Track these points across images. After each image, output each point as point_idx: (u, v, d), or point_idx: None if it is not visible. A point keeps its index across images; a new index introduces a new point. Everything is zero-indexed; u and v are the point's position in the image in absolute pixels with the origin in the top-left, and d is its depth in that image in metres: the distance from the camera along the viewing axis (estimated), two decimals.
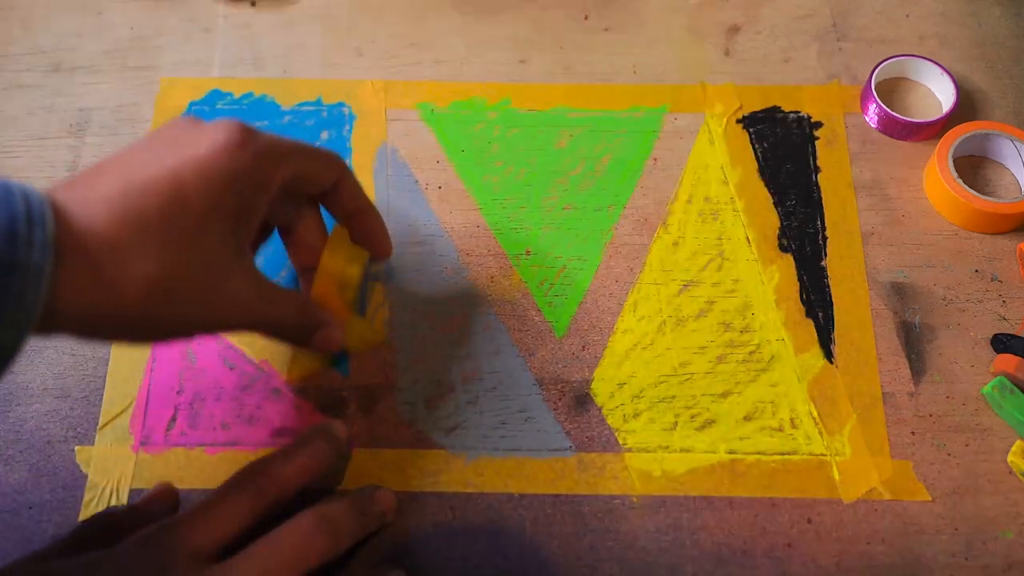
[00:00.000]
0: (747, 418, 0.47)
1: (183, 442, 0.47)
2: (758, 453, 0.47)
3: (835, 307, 0.50)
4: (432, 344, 0.49)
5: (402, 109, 0.56)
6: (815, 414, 0.47)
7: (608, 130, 0.56)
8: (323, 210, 0.46)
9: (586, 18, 0.60)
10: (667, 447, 0.47)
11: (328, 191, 0.44)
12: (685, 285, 0.51)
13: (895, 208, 0.53)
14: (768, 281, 0.51)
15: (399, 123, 0.56)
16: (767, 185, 0.54)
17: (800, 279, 0.51)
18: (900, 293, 0.50)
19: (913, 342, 0.49)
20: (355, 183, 0.45)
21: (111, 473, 0.46)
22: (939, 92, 0.57)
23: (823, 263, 0.51)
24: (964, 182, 0.51)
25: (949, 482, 0.46)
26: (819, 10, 0.60)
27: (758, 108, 0.56)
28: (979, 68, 0.58)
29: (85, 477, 0.46)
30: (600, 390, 0.48)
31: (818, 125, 0.56)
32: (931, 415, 0.47)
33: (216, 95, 0.57)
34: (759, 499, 0.46)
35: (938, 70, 0.56)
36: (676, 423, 0.47)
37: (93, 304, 0.33)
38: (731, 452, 0.47)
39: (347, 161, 0.54)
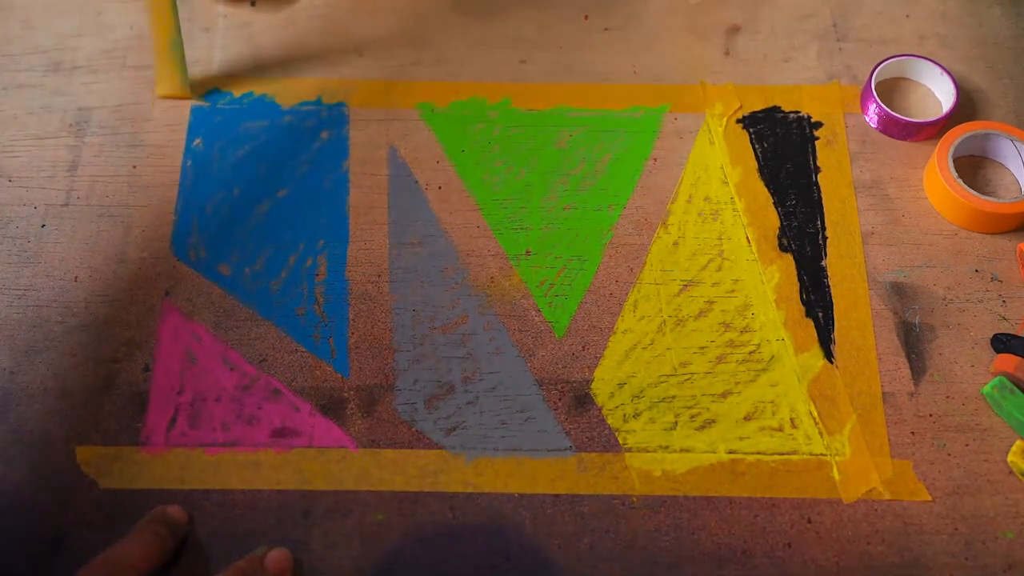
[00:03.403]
0: (747, 418, 0.47)
1: (183, 442, 0.47)
2: (758, 453, 0.47)
3: (835, 307, 0.50)
4: (432, 344, 0.49)
5: (402, 109, 0.56)
6: (815, 414, 0.47)
7: (608, 130, 0.56)
8: None
9: (586, 18, 0.60)
10: (667, 447, 0.47)
11: None
12: (685, 285, 0.51)
13: (895, 208, 0.53)
14: (768, 281, 0.51)
15: (399, 123, 0.56)
16: (767, 185, 0.54)
17: (800, 279, 0.51)
18: (900, 293, 0.50)
19: (913, 342, 0.49)
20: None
21: (112, 473, 0.46)
22: (939, 92, 0.57)
23: (823, 263, 0.51)
24: (964, 182, 0.51)
25: (949, 482, 0.46)
26: (819, 10, 0.60)
27: (758, 108, 0.56)
28: (979, 68, 0.58)
29: (85, 477, 0.46)
30: (600, 390, 0.48)
31: (818, 125, 0.56)
32: (931, 415, 0.47)
33: (216, 95, 0.57)
34: (759, 499, 0.46)
35: (938, 70, 0.56)
36: (676, 423, 0.47)
37: None
38: (731, 452, 0.47)
39: (346, 164, 0.54)
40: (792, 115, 0.56)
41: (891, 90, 0.57)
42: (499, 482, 0.46)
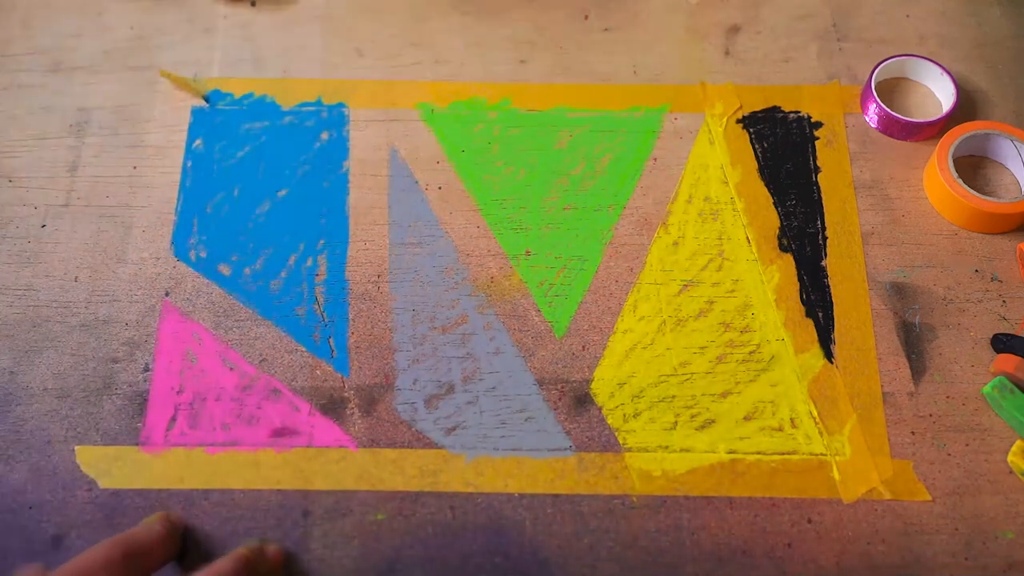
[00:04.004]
0: (747, 418, 0.47)
1: (183, 442, 0.47)
2: (758, 453, 0.47)
3: (835, 307, 0.50)
4: (432, 344, 0.49)
5: (402, 109, 0.56)
6: (815, 414, 0.48)
7: (608, 130, 0.56)
8: None
9: (586, 18, 0.60)
10: (667, 447, 0.47)
11: None
12: (685, 285, 0.51)
13: (895, 208, 0.53)
14: (768, 281, 0.51)
15: (399, 123, 0.56)
16: (767, 185, 0.54)
17: (800, 279, 0.51)
18: (900, 293, 0.50)
19: (913, 342, 0.49)
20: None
21: (111, 473, 0.46)
22: (939, 92, 0.57)
23: (823, 263, 0.51)
24: (964, 182, 0.51)
25: (949, 482, 0.46)
26: (819, 10, 0.60)
27: (758, 108, 0.56)
28: (979, 68, 0.58)
29: (85, 477, 0.46)
30: (600, 390, 0.48)
31: (818, 125, 0.56)
32: (931, 415, 0.47)
33: (216, 95, 0.57)
34: (759, 499, 0.46)
35: (938, 70, 0.56)
36: (676, 423, 0.47)
37: None
38: (731, 452, 0.47)
39: (346, 164, 0.54)
40: (792, 115, 0.56)
41: (891, 90, 0.57)
42: (499, 482, 0.46)
